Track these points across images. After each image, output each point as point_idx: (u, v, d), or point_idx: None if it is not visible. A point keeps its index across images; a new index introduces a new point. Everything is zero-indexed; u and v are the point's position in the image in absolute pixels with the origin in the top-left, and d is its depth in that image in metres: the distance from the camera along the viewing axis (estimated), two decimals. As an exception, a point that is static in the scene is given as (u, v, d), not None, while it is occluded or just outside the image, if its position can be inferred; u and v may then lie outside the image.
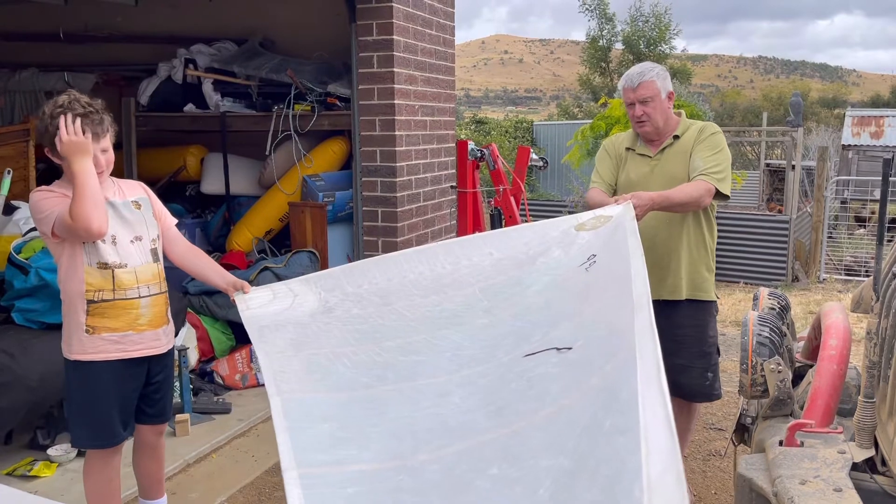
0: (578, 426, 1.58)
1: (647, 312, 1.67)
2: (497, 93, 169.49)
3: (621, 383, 1.55)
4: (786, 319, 2.59)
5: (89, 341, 2.50)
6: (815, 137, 20.87)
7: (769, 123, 18.03)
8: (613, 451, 1.41)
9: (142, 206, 2.64)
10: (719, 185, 2.86)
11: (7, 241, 3.70)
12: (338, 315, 2.27)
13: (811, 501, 1.62)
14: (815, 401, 2.01)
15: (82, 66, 6.22)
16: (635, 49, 28.05)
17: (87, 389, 2.55)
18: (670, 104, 3.03)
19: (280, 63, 5.39)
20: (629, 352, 1.58)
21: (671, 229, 3.01)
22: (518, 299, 2.28)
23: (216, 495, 3.35)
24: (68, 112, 2.39)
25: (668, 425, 1.32)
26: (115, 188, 2.62)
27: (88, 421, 2.58)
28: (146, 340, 2.59)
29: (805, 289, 8.57)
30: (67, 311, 2.54)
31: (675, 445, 1.29)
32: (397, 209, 4.72)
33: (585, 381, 1.73)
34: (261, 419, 4.24)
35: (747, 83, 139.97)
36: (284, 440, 1.61)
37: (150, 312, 2.59)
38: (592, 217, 2.58)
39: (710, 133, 3.00)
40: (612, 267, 2.14)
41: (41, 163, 5.21)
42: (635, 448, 1.31)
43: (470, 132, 18.16)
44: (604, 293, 2.09)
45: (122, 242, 2.52)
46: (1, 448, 3.61)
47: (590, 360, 1.81)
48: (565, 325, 2.06)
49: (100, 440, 2.60)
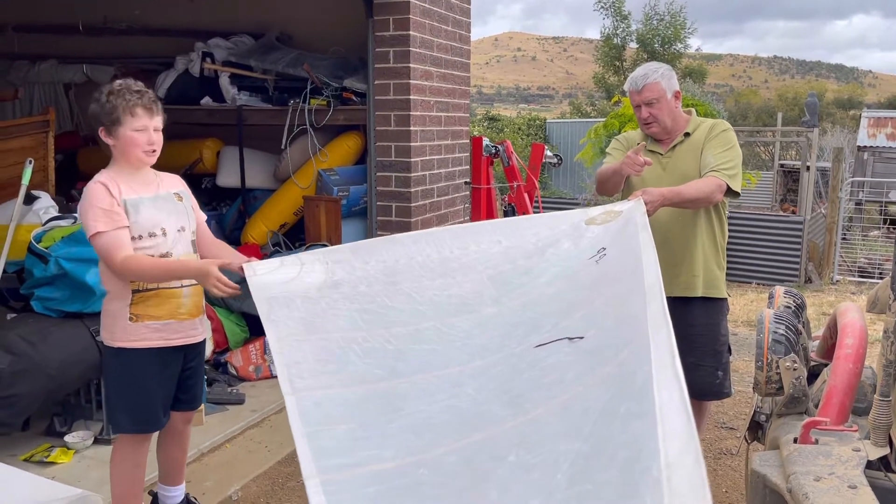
0: (594, 412, 1.59)
1: (659, 302, 1.68)
2: (509, 90, 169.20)
3: (636, 370, 1.56)
4: (801, 318, 2.60)
5: (133, 329, 2.57)
6: (830, 138, 20.72)
7: (784, 124, 17.92)
8: (630, 435, 1.42)
9: (183, 199, 2.74)
10: (730, 182, 2.86)
11: (28, 230, 3.75)
12: (345, 292, 2.26)
13: (825, 498, 1.62)
14: (830, 399, 2.02)
15: (101, 58, 6.29)
16: (650, 48, 27.93)
17: (130, 376, 2.62)
18: (678, 103, 3.03)
19: (297, 57, 5.42)
20: (643, 339, 1.58)
21: (685, 226, 3.01)
22: (527, 289, 2.29)
23: (230, 484, 3.39)
24: (126, 90, 2.49)
25: (684, 409, 1.33)
26: (158, 180, 2.70)
27: (131, 406, 2.65)
28: (185, 329, 2.67)
29: (818, 290, 8.53)
30: (111, 299, 2.61)
31: (693, 428, 1.30)
32: (411, 204, 4.74)
33: (599, 369, 1.74)
34: (274, 410, 4.27)
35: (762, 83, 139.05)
36: (303, 447, 1.61)
37: (190, 302, 2.67)
38: (603, 212, 2.59)
39: (721, 130, 3.00)
40: (623, 259, 2.15)
41: (59, 154, 5.28)
42: (652, 431, 1.32)
43: (482, 129, 18.15)
44: (615, 284, 2.09)
45: (170, 233, 2.61)
46: (19, 434, 3.66)
47: (603, 348, 1.82)
48: (576, 315, 2.07)
49: (141, 425, 2.68)
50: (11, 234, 3.56)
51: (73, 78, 6.36)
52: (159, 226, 2.58)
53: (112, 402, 2.71)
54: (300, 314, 2.14)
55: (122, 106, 2.49)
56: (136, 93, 2.52)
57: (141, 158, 2.56)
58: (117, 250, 2.47)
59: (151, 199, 2.61)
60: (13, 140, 4.67)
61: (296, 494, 3.34)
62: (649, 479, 1.27)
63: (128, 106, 2.49)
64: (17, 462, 3.40)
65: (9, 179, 4.52)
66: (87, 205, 2.51)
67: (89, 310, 3.55)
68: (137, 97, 2.51)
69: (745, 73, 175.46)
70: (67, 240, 3.58)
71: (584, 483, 1.44)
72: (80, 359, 3.49)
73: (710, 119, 3.12)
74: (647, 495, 1.27)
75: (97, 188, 2.52)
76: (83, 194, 2.56)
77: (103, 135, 2.57)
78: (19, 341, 3.31)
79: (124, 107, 2.49)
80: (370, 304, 2.23)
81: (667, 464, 1.25)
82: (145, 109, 2.52)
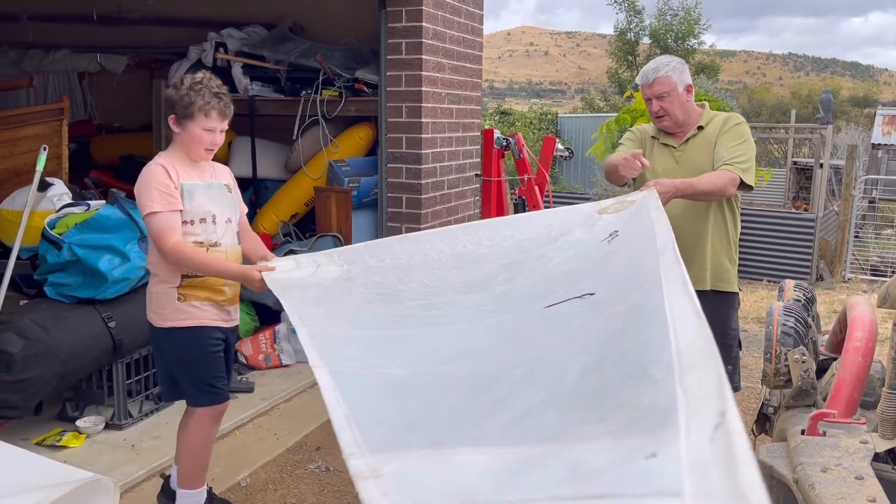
0: (604, 337, 1.64)
1: (672, 253, 1.70)
2: (521, 85, 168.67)
3: (645, 301, 1.59)
4: (811, 311, 2.59)
5: (183, 308, 2.66)
6: (844, 136, 20.56)
7: (798, 121, 17.78)
8: (642, 341, 1.46)
9: (232, 191, 2.81)
10: (743, 175, 2.85)
11: (41, 216, 3.78)
12: (360, 282, 2.34)
13: (832, 489, 1.63)
14: (838, 391, 2.01)
15: (115, 48, 6.31)
16: (663, 43, 27.76)
17: (191, 352, 2.70)
18: (690, 97, 3.01)
19: (309, 48, 5.43)
20: (654, 280, 1.60)
21: (696, 219, 3.01)
22: (539, 270, 2.32)
23: (239, 470, 3.42)
24: (206, 89, 2.56)
25: (696, 312, 1.37)
26: (212, 170, 2.77)
27: (202, 379, 2.73)
28: (224, 315, 2.76)
29: (829, 288, 8.48)
30: (159, 282, 2.68)
31: (705, 325, 1.32)
32: (421, 196, 4.74)
33: (610, 308, 1.77)
34: (283, 399, 4.30)
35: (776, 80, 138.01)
36: (312, 352, 1.68)
37: (231, 290, 2.77)
38: (615, 202, 2.60)
39: (735, 124, 2.99)
40: (636, 235, 2.17)
41: (72, 142, 5.32)
42: (664, 333, 1.34)
43: (494, 123, 18.12)
44: (627, 253, 2.12)
45: (219, 222, 2.69)
46: (31, 418, 3.70)
47: (614, 295, 1.86)
48: (588, 283, 2.08)
49: (217, 396, 2.77)
50: (26, 220, 3.59)
51: (86, 67, 6.40)
52: (210, 213, 2.66)
53: (182, 381, 2.76)
54: (313, 294, 2.22)
55: (199, 104, 2.56)
56: (216, 95, 2.59)
57: (201, 155, 2.67)
58: (170, 232, 2.55)
59: (205, 186, 2.69)
60: (28, 127, 4.71)
61: (304, 481, 3.36)
62: (660, 363, 1.29)
63: (205, 106, 2.56)
64: (30, 446, 3.43)
65: (23, 166, 4.56)
66: (146, 184, 2.58)
67: (101, 296, 3.59)
68: (216, 100, 2.59)
69: (759, 70, 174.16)
70: (81, 227, 3.61)
71: (593, 376, 1.47)
72: (93, 344, 3.52)
73: (723, 112, 3.11)
74: (658, 373, 1.30)
75: (157, 169, 2.59)
76: (141, 174, 2.63)
77: (172, 122, 2.64)
78: (32, 326, 3.35)
79: (201, 105, 2.56)
80: (383, 289, 2.30)
81: (677, 350, 1.27)
82: (219, 113, 2.60)
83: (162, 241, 2.56)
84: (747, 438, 1.10)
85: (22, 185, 4.17)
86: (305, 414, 4.13)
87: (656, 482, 1.16)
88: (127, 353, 3.74)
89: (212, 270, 2.63)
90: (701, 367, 1.26)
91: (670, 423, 1.20)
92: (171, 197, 2.56)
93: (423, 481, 1.33)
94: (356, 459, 1.32)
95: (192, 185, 2.64)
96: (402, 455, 1.38)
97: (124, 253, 3.60)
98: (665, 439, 1.20)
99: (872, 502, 1.58)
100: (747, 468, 1.03)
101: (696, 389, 1.22)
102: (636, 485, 1.19)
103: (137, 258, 3.61)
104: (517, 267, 2.36)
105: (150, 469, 3.38)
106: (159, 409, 3.91)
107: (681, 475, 1.10)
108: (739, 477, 1.03)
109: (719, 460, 1.08)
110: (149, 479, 3.34)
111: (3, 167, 4.75)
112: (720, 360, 1.24)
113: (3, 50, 6.46)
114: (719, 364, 1.26)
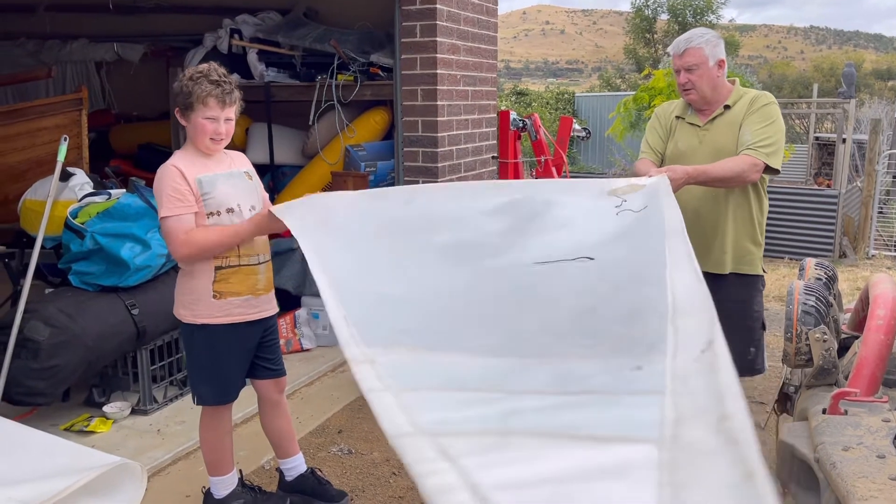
0: (599, 291, 1.71)
1: (679, 233, 1.72)
2: (538, 64, 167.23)
3: (647, 268, 1.63)
4: (832, 290, 2.56)
5: (217, 306, 2.65)
6: (867, 110, 20.16)
7: (820, 96, 17.46)
8: (638, 296, 1.55)
9: (252, 178, 2.81)
10: (768, 160, 2.77)
11: (64, 206, 3.83)
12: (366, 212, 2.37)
13: (853, 467, 1.62)
14: (860, 370, 2.00)
15: (131, 37, 6.35)
16: (681, 18, 27.37)
17: (215, 350, 2.71)
18: (720, 72, 2.94)
19: (324, 33, 5.42)
20: (658, 252, 1.64)
21: (716, 202, 2.96)
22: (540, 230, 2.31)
23: (263, 454, 3.46)
24: (204, 78, 2.56)
25: (697, 278, 1.43)
26: (229, 159, 2.77)
27: (213, 379, 2.75)
28: (261, 304, 2.77)
29: (853, 265, 8.38)
30: (192, 277, 2.66)
31: (704, 289, 1.38)
32: (438, 179, 4.74)
33: (607, 271, 1.82)
34: (304, 383, 4.35)
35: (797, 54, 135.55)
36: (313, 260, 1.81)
37: (265, 278, 2.76)
38: (626, 184, 2.58)
39: (763, 104, 2.90)
40: (644, 215, 2.16)
41: (92, 132, 5.36)
42: (661, 292, 1.42)
43: (510, 104, 17.98)
44: (633, 228, 2.13)
45: (244, 211, 2.68)
46: (59, 405, 3.78)
47: (613, 261, 1.89)
48: (587, 249, 2.09)
49: (221, 397, 2.80)
50: (49, 209, 3.64)
51: (104, 56, 6.45)
52: (235, 202, 2.66)
53: (194, 375, 2.80)
54: (319, 216, 2.27)
55: (197, 93, 2.55)
56: (213, 82, 2.56)
57: (208, 146, 2.64)
58: (177, 234, 2.55)
59: (226, 175, 2.69)
60: (47, 118, 4.76)
61: (326, 464, 3.41)
62: (654, 312, 1.39)
63: (202, 94, 2.55)
64: (58, 431, 3.51)
65: (44, 156, 4.61)
66: (158, 187, 2.60)
67: (124, 284, 3.64)
68: (213, 86, 2.56)
69: (780, 45, 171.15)
70: (102, 215, 3.66)
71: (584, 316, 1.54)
72: (117, 331, 3.58)
73: (753, 90, 3.02)
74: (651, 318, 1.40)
75: (170, 171, 2.59)
76: (157, 173, 2.64)
77: (178, 115, 2.65)
78: (58, 314, 3.41)
79: (199, 94, 2.55)
80: (388, 221, 2.31)
81: (674, 303, 1.36)
82: (218, 100, 2.57)
83: (171, 246, 2.59)
84: (731, 361, 1.16)
85: (43, 175, 4.22)
86: (327, 398, 4.17)
87: (640, 385, 1.24)
88: (150, 339, 3.79)
89: (227, 241, 2.60)
90: (694, 314, 1.31)
91: (657, 349, 1.28)
92: (179, 201, 2.56)
93: (416, 370, 1.43)
94: (352, 348, 1.40)
95: (212, 177, 2.63)
96: (396, 350, 1.48)
97: (145, 241, 3.65)
98: (650, 359, 1.28)
99: (895, 481, 1.57)
100: (725, 374, 1.09)
101: (686, 328, 1.29)
102: (621, 386, 1.26)
103: (158, 245, 3.66)
104: (517, 225, 2.37)
105: (176, 453, 3.44)
106: (183, 395, 3.97)
107: (664, 380, 1.17)
108: (719, 380, 1.11)
109: (702, 373, 1.15)
110: (175, 463, 3.41)
111: (25, 158, 4.81)
112: (713, 307, 1.28)
113: (22, 41, 6.51)
114: (712, 310, 1.30)
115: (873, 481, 1.55)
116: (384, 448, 3.52)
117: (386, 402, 1.22)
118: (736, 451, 1.00)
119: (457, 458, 1.08)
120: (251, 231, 2.60)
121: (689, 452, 1.05)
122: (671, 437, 1.08)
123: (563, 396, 1.33)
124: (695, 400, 1.12)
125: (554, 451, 1.14)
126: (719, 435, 1.03)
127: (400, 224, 2.28)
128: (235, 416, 3.76)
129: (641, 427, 1.15)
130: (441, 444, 1.11)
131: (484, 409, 1.30)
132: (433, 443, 1.12)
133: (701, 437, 1.05)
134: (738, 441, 1.01)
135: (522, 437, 1.19)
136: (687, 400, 1.13)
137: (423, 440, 1.13)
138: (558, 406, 1.31)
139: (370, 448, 3.56)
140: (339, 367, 4.65)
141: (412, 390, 1.30)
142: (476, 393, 1.37)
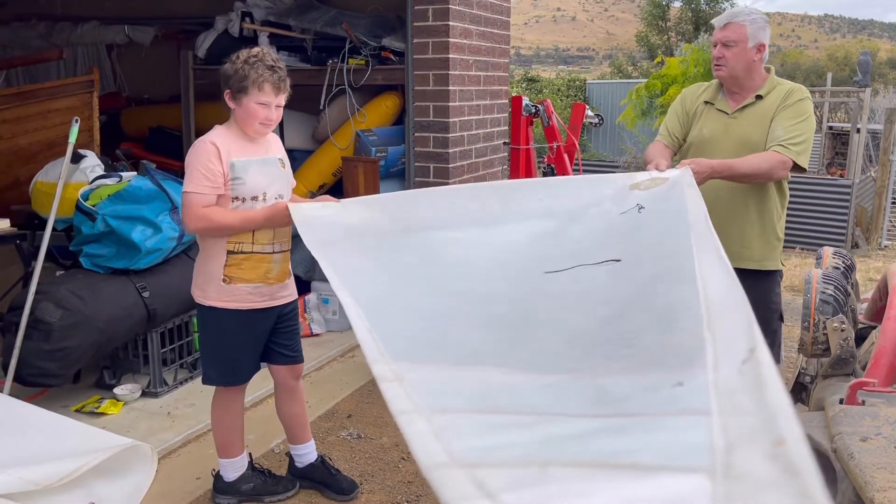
0: (627, 295, 1.67)
1: (704, 225, 1.68)
2: (548, 51, 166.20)
3: (676, 266, 1.59)
4: (850, 279, 2.53)
5: (226, 290, 2.65)
6: (882, 100, 19.95)
7: (834, 85, 17.28)
8: (669, 297, 1.51)
9: (286, 166, 2.79)
10: (797, 158, 2.71)
11: (75, 188, 3.83)
12: (385, 225, 2.34)
13: (871, 458, 1.60)
14: (878, 360, 1.97)
15: (142, 19, 6.32)
16: (694, 5, 27.10)
17: (221, 333, 2.72)
18: (759, 56, 2.85)
19: (335, 16, 5.37)
20: (685, 249, 1.60)
21: (734, 196, 2.88)
22: (566, 237, 2.29)
23: (272, 438, 3.47)
24: (260, 62, 2.54)
25: (728, 273, 1.39)
26: (266, 144, 2.75)
27: (219, 361, 2.77)
28: (273, 293, 2.75)
29: (865, 255, 8.31)
30: (205, 259, 2.68)
31: (737, 284, 1.35)
32: (449, 165, 4.71)
33: (636, 272, 1.77)
34: (314, 367, 4.35)
35: (811, 42, 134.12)
36: (333, 276, 1.78)
37: (278, 268, 2.73)
38: (649, 178, 2.53)
39: (798, 99, 2.82)
40: (667, 210, 2.14)
41: (103, 114, 5.35)
42: (693, 291, 1.38)
43: (521, 90, 17.89)
44: (657, 225, 2.10)
45: (268, 199, 2.66)
46: (70, 386, 3.79)
47: (639, 262, 1.86)
48: (612, 251, 2.06)
49: (227, 378, 2.81)
50: (60, 191, 3.64)
51: (115, 39, 6.42)
52: (262, 190, 2.64)
53: (205, 356, 2.83)
54: (338, 232, 2.25)
55: (253, 77, 2.53)
56: (269, 68, 2.56)
57: (257, 130, 2.63)
58: (198, 208, 2.54)
59: (260, 162, 2.66)
60: (59, 100, 4.75)
61: (336, 448, 3.41)
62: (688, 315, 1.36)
63: (258, 79, 2.53)
64: (70, 412, 3.52)
65: (55, 138, 4.61)
66: (191, 161, 2.58)
67: (135, 266, 3.64)
68: (270, 73, 2.55)
69: (793, 33, 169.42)
70: (114, 198, 3.66)
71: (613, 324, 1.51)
72: (128, 314, 3.59)
73: (788, 83, 2.93)
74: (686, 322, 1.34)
75: (207, 148, 2.57)
76: (193, 146, 2.63)
77: (227, 97, 2.62)
78: (70, 296, 3.41)
79: (255, 79, 2.53)
80: (408, 231, 2.29)
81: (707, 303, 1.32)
82: (273, 86, 2.56)
83: (186, 218, 2.59)
84: (776, 368, 1.10)
85: (55, 157, 4.22)
86: (336, 382, 4.17)
87: (683, 404, 1.18)
88: (160, 322, 3.80)
89: (238, 226, 2.59)
90: (730, 315, 1.26)
91: (697, 361, 1.22)
92: (208, 179, 2.54)
93: (445, 388, 1.37)
94: (380, 365, 1.36)
95: (245, 162, 2.61)
96: (424, 366, 1.43)
97: (156, 224, 3.64)
98: (691, 373, 1.21)
99: (913, 472, 1.55)
100: (774, 389, 1.04)
101: (724, 333, 1.23)
102: (664, 406, 1.20)
103: (169, 229, 3.65)
104: (542, 234, 2.34)
105: (186, 435, 3.45)
106: (193, 378, 3.98)
107: (708, 398, 1.11)
108: (767, 397, 1.04)
109: (748, 386, 1.09)
110: (185, 445, 3.42)
111: (36, 140, 4.81)
112: (749, 306, 1.23)
113: (33, 23, 6.50)
114: (749, 310, 1.25)
115: (892, 472, 1.54)
116: (393, 433, 3.52)
117: (418, 429, 1.17)
118: (796, 483, 0.92)
119: (497, 493, 1.03)
120: (261, 223, 2.60)
121: (746, 484, 0.96)
122: (723, 465, 1.00)
123: (602, 420, 1.25)
124: (744, 421, 1.04)
125: (597, 485, 1.06)
126: (775, 462, 0.95)
127: (421, 236, 2.26)
128: (245, 400, 3.78)
129: (689, 453, 1.06)
130: (478, 476, 1.06)
131: (519, 435, 1.25)
132: (470, 476, 1.06)
133: (756, 465, 0.97)
134: (797, 471, 0.93)
135: (562, 468, 1.12)
136: (736, 421, 1.04)
137: (460, 473, 1.07)
138: (597, 431, 1.24)
139: (379, 433, 3.56)
140: (348, 352, 4.65)
141: (443, 412, 1.25)
142: (509, 416, 1.31)
